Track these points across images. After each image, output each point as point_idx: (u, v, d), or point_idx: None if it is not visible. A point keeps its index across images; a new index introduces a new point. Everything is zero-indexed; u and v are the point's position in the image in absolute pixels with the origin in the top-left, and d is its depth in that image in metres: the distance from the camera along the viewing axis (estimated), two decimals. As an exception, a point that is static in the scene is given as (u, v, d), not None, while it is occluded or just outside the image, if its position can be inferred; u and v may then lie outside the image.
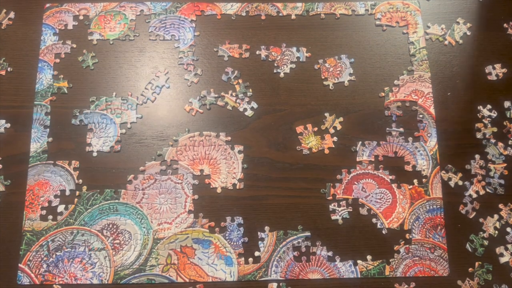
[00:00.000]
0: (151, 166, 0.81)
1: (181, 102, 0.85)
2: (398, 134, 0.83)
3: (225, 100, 0.85)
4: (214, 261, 0.77)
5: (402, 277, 0.77)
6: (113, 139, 0.82)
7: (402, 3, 0.91)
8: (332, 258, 0.77)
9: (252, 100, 0.85)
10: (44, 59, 0.86)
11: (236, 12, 0.90)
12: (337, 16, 0.90)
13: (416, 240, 0.78)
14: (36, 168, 0.81)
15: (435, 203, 0.80)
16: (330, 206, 0.80)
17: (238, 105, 0.85)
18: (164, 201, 0.79)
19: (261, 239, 0.78)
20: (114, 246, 0.77)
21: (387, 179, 0.81)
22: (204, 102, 0.85)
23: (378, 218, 0.79)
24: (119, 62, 0.87)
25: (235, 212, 0.79)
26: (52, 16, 0.89)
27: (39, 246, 0.77)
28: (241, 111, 0.85)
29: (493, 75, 0.87)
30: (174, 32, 0.89)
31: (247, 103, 0.85)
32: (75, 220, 0.78)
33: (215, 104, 0.85)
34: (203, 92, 0.85)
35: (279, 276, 0.76)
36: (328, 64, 0.87)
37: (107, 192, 0.80)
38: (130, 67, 0.87)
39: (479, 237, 0.79)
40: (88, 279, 0.76)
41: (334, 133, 0.84)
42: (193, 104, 0.85)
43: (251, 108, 0.85)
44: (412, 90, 0.86)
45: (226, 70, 0.86)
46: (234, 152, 0.82)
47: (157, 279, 0.76)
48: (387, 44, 0.89)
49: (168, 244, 0.77)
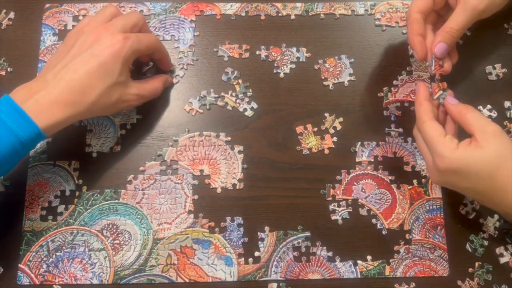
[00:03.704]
0: (151, 166, 0.81)
1: (181, 102, 0.85)
2: (397, 135, 0.84)
3: (225, 100, 0.85)
4: (214, 261, 0.77)
5: (402, 277, 0.77)
6: (112, 139, 0.82)
7: (402, 3, 0.91)
8: (332, 258, 0.77)
9: (252, 100, 0.85)
10: (44, 59, 0.86)
11: (235, 12, 0.90)
12: (337, 16, 0.90)
13: (416, 240, 0.78)
14: (36, 168, 0.81)
15: (435, 203, 0.80)
16: (330, 206, 0.80)
17: (238, 105, 0.85)
18: (164, 201, 0.80)
19: (261, 239, 0.78)
20: (114, 246, 0.77)
21: (386, 179, 0.81)
22: (204, 102, 0.85)
23: (378, 219, 0.79)
24: (119, 62, 0.87)
25: (235, 212, 0.79)
26: (52, 16, 0.89)
27: (39, 246, 0.77)
28: (241, 111, 0.85)
29: (493, 75, 0.87)
30: (174, 32, 0.89)
31: (247, 103, 0.85)
32: (75, 221, 0.78)
33: (215, 104, 0.85)
34: (203, 92, 0.85)
35: (279, 276, 0.76)
36: (328, 64, 0.87)
37: (107, 192, 0.80)
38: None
39: (479, 237, 0.79)
40: (88, 279, 0.76)
41: (334, 133, 0.84)
42: (193, 104, 0.85)
43: (251, 108, 0.85)
44: (411, 90, 0.86)
45: (226, 70, 0.86)
46: (234, 152, 0.82)
47: (157, 279, 0.76)
48: (387, 44, 0.89)
49: (168, 244, 0.78)
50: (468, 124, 0.67)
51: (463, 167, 0.65)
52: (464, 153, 0.64)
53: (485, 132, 0.65)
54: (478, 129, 0.66)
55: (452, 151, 0.65)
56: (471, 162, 0.64)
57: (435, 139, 0.67)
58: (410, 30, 0.75)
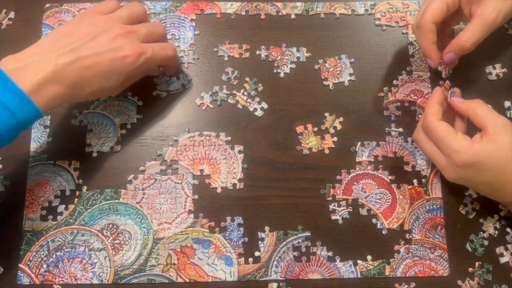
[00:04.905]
0: (151, 166, 0.81)
1: (181, 102, 0.85)
2: (398, 134, 0.84)
3: (236, 98, 0.85)
4: (214, 261, 0.77)
5: (402, 277, 0.77)
6: (113, 139, 0.82)
7: (402, 3, 0.91)
8: (332, 258, 0.77)
9: (262, 100, 0.85)
10: (44, 59, 0.86)
11: (235, 11, 0.90)
12: (337, 16, 0.90)
13: (416, 240, 0.78)
14: (36, 168, 0.81)
15: (435, 203, 0.80)
16: (330, 206, 0.80)
17: (248, 104, 0.85)
18: (164, 201, 0.80)
19: (261, 239, 0.78)
20: (114, 246, 0.77)
21: (386, 179, 0.81)
22: (215, 98, 0.85)
23: (378, 218, 0.79)
24: (119, 62, 0.87)
25: (235, 212, 0.80)
26: (52, 16, 0.89)
27: (39, 246, 0.77)
28: (251, 110, 0.84)
29: (493, 75, 0.87)
30: (174, 31, 0.89)
31: (258, 103, 0.85)
32: (75, 220, 0.78)
33: (226, 101, 0.84)
34: (216, 88, 0.85)
35: (279, 276, 0.76)
36: (328, 64, 0.87)
37: (107, 192, 0.80)
38: (130, 67, 0.86)
39: (479, 237, 0.79)
40: (88, 279, 0.76)
41: (334, 133, 0.84)
42: (205, 99, 0.84)
43: (261, 109, 0.84)
44: (411, 90, 0.86)
45: (226, 70, 0.86)
46: (234, 152, 0.82)
47: (157, 279, 0.76)
48: (387, 44, 0.89)
49: (168, 244, 0.78)
50: (479, 117, 0.69)
51: (480, 160, 0.67)
52: (480, 146, 0.67)
53: (497, 125, 0.68)
54: (489, 122, 0.68)
55: (469, 147, 0.67)
56: (486, 156, 0.67)
57: (449, 137, 0.69)
58: (426, 39, 0.76)
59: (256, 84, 0.85)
